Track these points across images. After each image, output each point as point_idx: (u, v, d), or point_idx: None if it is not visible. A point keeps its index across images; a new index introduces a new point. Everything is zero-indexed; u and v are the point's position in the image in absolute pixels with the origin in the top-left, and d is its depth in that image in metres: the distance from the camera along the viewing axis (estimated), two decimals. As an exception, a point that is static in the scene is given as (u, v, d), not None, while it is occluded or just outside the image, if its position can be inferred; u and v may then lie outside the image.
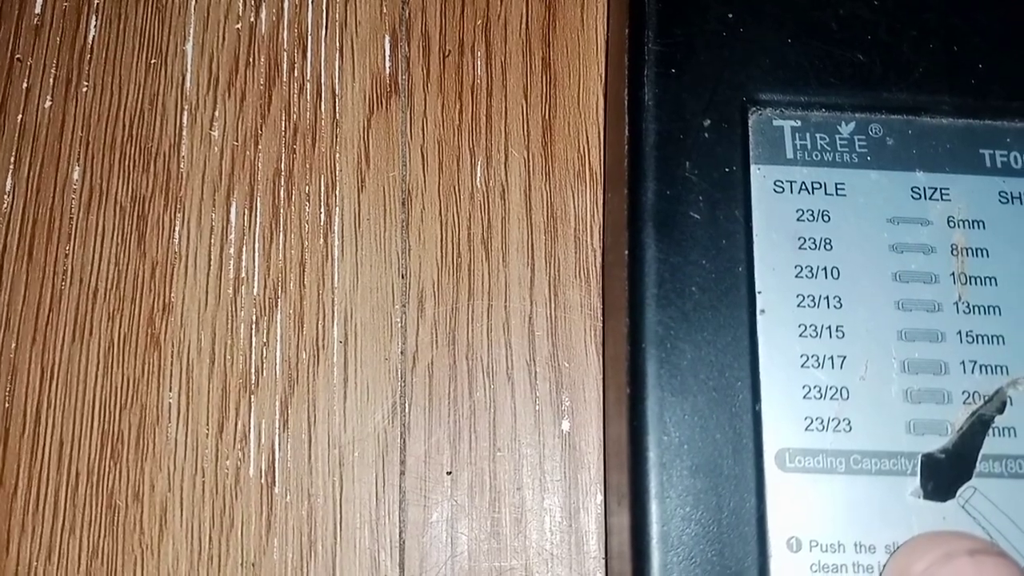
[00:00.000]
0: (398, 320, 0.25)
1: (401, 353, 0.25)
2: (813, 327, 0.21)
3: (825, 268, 0.21)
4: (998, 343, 0.21)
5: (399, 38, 0.27)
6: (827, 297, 0.21)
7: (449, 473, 0.24)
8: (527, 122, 0.27)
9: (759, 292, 0.21)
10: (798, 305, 0.21)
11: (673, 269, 0.21)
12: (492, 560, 0.23)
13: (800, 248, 0.21)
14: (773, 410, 0.20)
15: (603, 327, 0.24)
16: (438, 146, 0.26)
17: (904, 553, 0.18)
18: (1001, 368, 0.21)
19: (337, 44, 0.27)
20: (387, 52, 0.27)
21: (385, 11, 0.28)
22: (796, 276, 0.21)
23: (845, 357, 0.21)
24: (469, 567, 0.23)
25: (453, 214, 0.26)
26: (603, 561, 0.23)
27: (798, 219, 0.21)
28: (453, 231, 0.26)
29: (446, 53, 0.27)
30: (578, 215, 0.26)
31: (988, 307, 0.21)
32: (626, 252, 0.21)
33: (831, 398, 0.20)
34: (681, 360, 0.20)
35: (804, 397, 0.20)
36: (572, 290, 0.25)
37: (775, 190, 0.22)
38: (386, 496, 0.24)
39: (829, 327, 0.21)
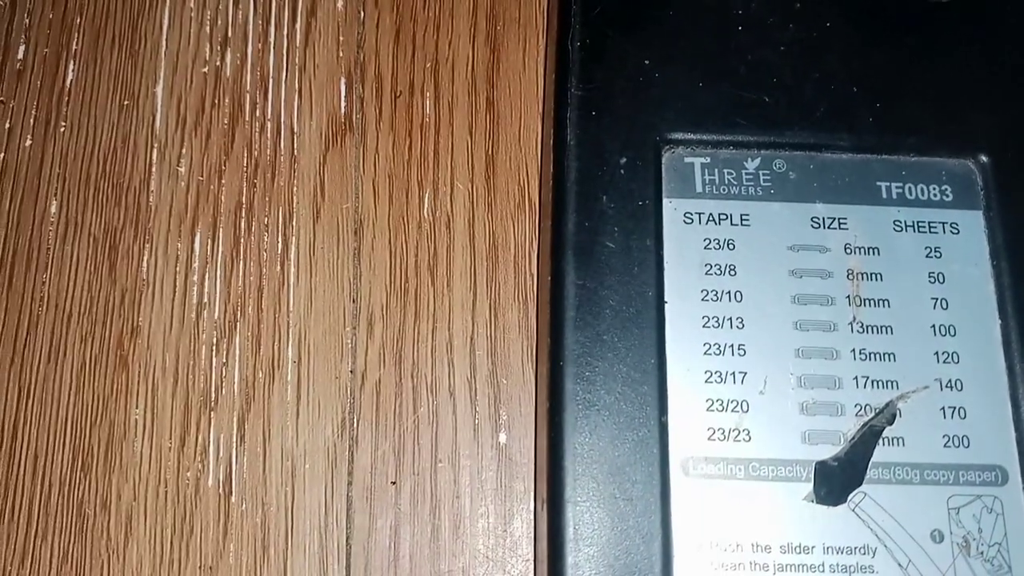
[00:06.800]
0: (348, 341, 0.27)
1: (351, 372, 0.27)
2: (717, 345, 0.23)
3: (729, 292, 0.23)
4: (889, 360, 0.23)
5: (354, 80, 0.30)
6: (730, 318, 0.23)
7: (393, 483, 0.26)
8: (472, 157, 0.29)
9: (668, 314, 0.23)
10: (703, 326, 0.23)
11: (589, 293, 0.23)
12: (432, 564, 0.25)
13: (707, 274, 0.23)
14: (678, 421, 0.22)
15: (537, 346, 0.26)
16: (389, 180, 0.29)
17: None
18: (892, 383, 0.23)
19: (296, 86, 0.29)
20: (343, 93, 0.29)
21: (341, 55, 0.30)
22: (702, 299, 0.23)
23: (746, 373, 0.22)
24: (410, 570, 0.25)
25: (402, 243, 0.28)
26: (533, 564, 0.25)
27: (705, 247, 0.23)
28: (401, 258, 0.28)
29: (397, 94, 0.29)
30: (517, 243, 0.28)
31: (880, 327, 0.23)
32: (549, 278, 0.23)
33: (732, 411, 0.22)
34: (595, 376, 0.22)
35: (707, 410, 0.22)
36: (511, 312, 0.27)
37: (685, 221, 0.24)
38: (334, 505, 0.25)
39: (732, 345, 0.23)
